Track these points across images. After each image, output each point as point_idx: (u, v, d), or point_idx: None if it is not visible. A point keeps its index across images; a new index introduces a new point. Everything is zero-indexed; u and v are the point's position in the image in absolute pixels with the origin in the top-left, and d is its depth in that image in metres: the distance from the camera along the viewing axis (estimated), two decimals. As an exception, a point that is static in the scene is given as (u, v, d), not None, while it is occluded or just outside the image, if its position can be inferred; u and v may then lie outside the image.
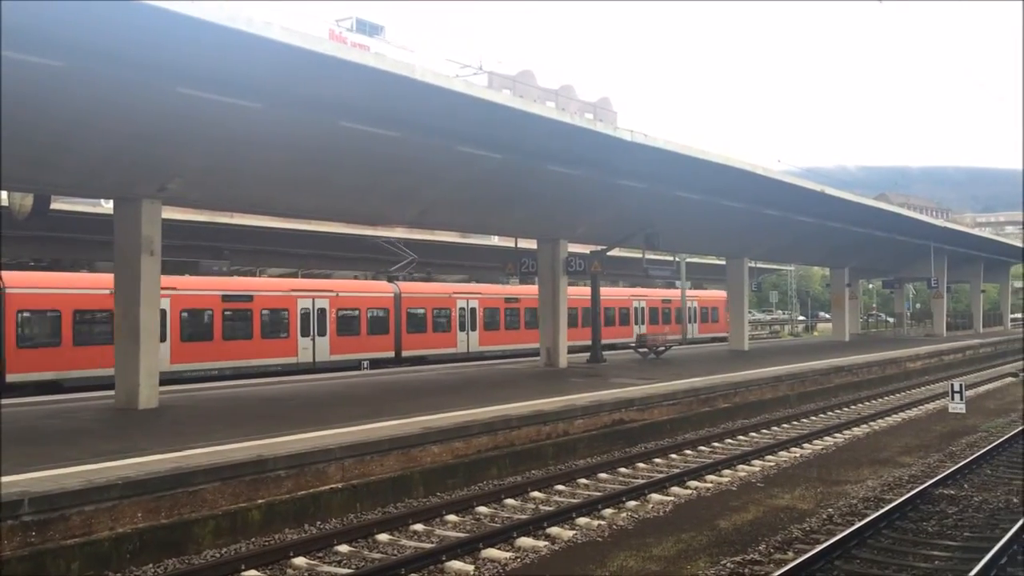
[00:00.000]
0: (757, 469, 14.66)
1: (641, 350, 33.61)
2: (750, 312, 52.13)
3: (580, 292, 41.21)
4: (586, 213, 26.26)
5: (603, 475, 14.32)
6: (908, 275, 55.09)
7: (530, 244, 29.08)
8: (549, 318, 27.82)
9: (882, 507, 11.12)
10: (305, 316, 30.71)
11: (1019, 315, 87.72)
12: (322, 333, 31.19)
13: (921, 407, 23.05)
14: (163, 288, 24.15)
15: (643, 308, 48.67)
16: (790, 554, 9.35)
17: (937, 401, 23.52)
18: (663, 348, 33.64)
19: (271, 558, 9.60)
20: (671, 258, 46.26)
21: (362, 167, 18.64)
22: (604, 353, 31.06)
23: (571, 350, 28.85)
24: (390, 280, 36.09)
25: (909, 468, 14.28)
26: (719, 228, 32.44)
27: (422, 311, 35.24)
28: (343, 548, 10.15)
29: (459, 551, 9.82)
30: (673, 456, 16.06)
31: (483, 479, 13.61)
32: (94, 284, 25.24)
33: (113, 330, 17.57)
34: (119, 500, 9.72)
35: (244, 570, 9.21)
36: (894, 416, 21.36)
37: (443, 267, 44.49)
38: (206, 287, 28.53)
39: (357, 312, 32.69)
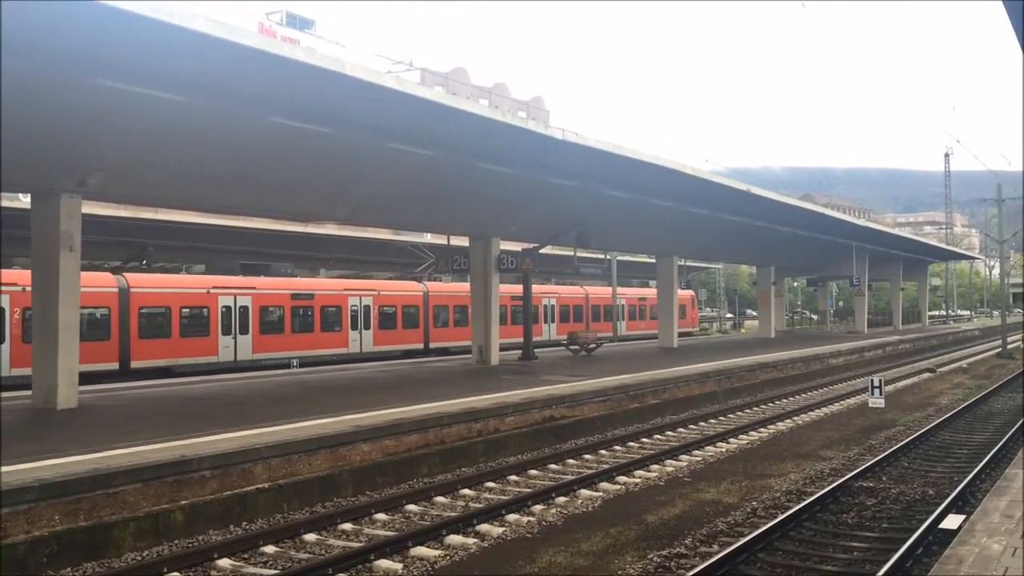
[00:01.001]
0: (684, 464, 14.88)
1: (572, 347, 33.86)
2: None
3: (572, 291, 48.61)
4: (518, 211, 26.34)
5: (533, 472, 14.38)
6: (831, 273, 56.48)
7: (463, 242, 29.03)
8: (481, 316, 27.80)
9: (804, 500, 11.39)
10: (354, 312, 35.00)
11: (936, 312, 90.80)
12: (367, 327, 35.50)
13: (843, 402, 23.64)
14: (245, 288, 31.26)
15: (623, 305, 52.25)
16: (715, 547, 9.52)
17: (858, 396, 24.16)
18: (594, 345, 33.94)
19: (194, 560, 9.42)
20: (602, 256, 46.78)
21: (291, 163, 18.38)
22: (538, 351, 31.24)
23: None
24: (418, 280, 38.93)
25: (830, 462, 14.65)
26: (649, 226, 32.84)
27: (446, 308, 39.63)
28: (269, 549, 10.00)
29: (388, 550, 9.76)
30: (603, 452, 16.19)
31: (413, 477, 13.54)
32: (194, 284, 30.36)
33: (32, 328, 17.24)
34: (35, 502, 9.45)
35: (166, 573, 9.01)
36: (817, 411, 21.87)
37: (374, 264, 44.17)
38: (279, 287, 32.78)
39: (394, 309, 37.11)
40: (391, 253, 41.89)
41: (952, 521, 9.70)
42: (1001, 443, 15.31)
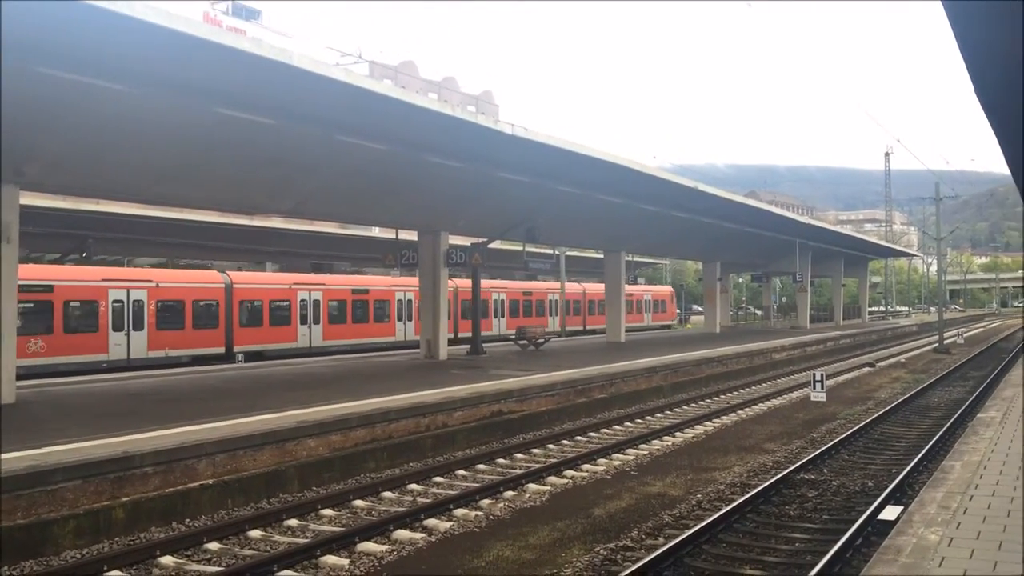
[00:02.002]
0: (631, 458, 15.00)
1: (521, 342, 33.92)
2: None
3: (570, 287, 52.39)
4: (467, 206, 26.28)
5: (482, 466, 14.39)
6: (775, 269, 57.42)
7: (411, 236, 28.86)
8: (429, 310, 27.70)
9: (747, 492, 11.56)
10: (400, 305, 40.26)
11: (876, 308, 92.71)
12: (409, 319, 40.15)
13: (785, 396, 24.06)
14: (318, 284, 36.89)
15: None
16: (660, 540, 9.62)
17: (800, 390, 24.58)
18: (542, 340, 34.04)
19: (136, 558, 9.26)
20: (551, 251, 46.97)
21: (237, 155, 18.11)
22: (487, 346, 31.27)
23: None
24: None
25: (773, 454, 14.89)
26: (598, 222, 32.99)
27: (468, 302, 42.22)
28: (213, 546, 9.87)
29: (334, 545, 9.70)
30: (551, 446, 16.27)
31: (360, 472, 13.48)
32: (279, 281, 35.89)
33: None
34: (-31, 501, 9.18)
35: (107, 570, 8.86)
36: (760, 405, 22.21)
37: (323, 258, 43.73)
38: (341, 283, 38.12)
39: None
40: (337, 247, 41.83)
41: (890, 512, 9.93)
42: (938, 435, 15.71)
